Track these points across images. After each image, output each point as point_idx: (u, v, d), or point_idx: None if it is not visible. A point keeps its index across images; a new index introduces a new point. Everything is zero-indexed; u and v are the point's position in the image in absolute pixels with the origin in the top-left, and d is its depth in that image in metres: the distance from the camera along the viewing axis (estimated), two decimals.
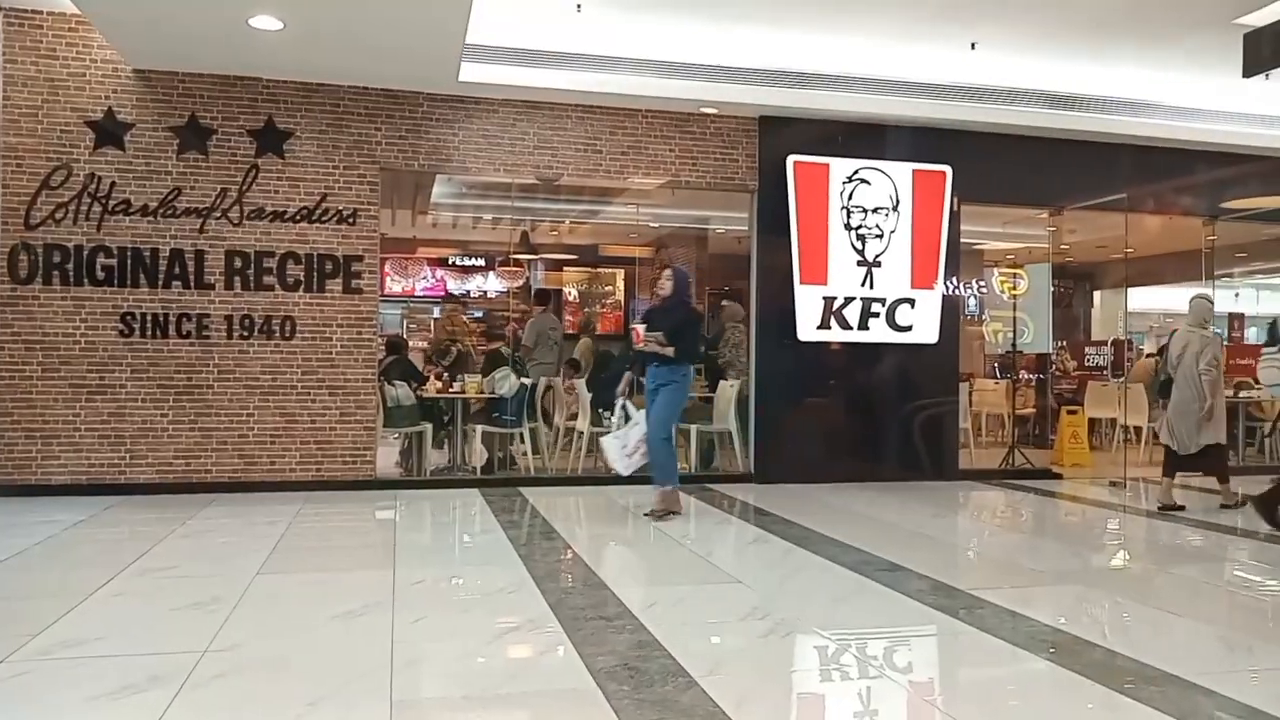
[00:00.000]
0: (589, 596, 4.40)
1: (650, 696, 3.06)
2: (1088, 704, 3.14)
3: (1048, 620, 4.13)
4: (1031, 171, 8.87)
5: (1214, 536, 6.46)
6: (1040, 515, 7.54)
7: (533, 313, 10.84)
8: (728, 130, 8.33)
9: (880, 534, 6.19)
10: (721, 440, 8.82)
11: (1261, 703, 3.06)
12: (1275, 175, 9.49)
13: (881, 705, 3.21)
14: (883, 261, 8.41)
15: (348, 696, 3.08)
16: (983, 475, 8.95)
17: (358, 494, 7.45)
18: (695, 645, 3.70)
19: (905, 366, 8.60)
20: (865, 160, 8.40)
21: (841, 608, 4.41)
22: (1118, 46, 7.76)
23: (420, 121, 7.77)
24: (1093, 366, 12.76)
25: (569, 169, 8.11)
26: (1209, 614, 4.55)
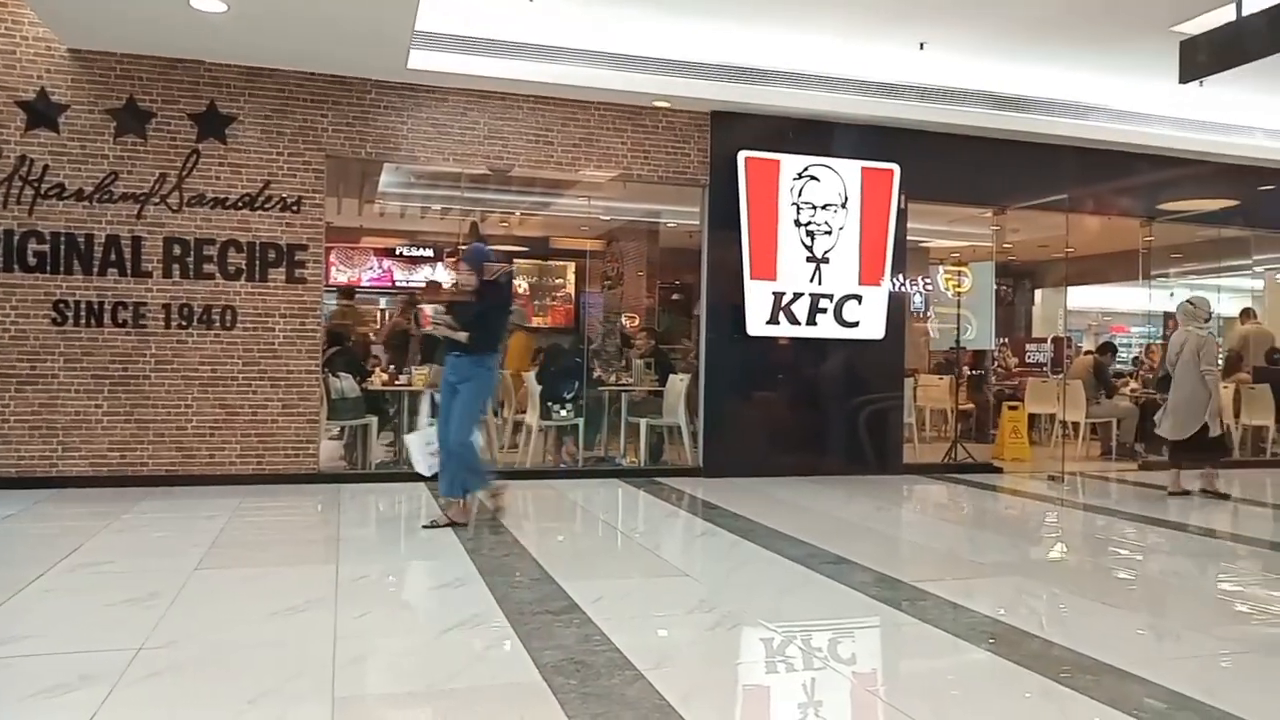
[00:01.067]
0: (536, 591, 4.38)
1: (597, 690, 3.05)
2: (1025, 693, 3.21)
3: (988, 611, 4.21)
4: (977, 171, 9.03)
5: (1147, 529, 6.65)
6: (981, 509, 7.68)
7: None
8: (680, 124, 8.34)
9: (826, 527, 6.26)
10: (670, 434, 8.84)
11: (1188, 689, 3.15)
12: (1209, 179, 9.78)
13: (826, 696, 3.24)
14: (831, 258, 8.49)
15: (288, 694, 3.03)
16: (926, 469, 9.10)
17: (300, 488, 7.32)
18: (642, 638, 3.71)
19: (852, 362, 8.70)
20: (815, 157, 8.47)
21: (787, 600, 4.45)
22: (1061, 50, 7.92)
23: (368, 109, 7.65)
24: (1033, 363, 13.03)
25: (520, 160, 8.05)
26: (1141, 604, 4.68)
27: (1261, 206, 10.21)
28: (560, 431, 8.67)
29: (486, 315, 5.75)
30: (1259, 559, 5.84)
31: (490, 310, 5.78)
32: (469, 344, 5.65)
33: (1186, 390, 7.63)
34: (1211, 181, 9.84)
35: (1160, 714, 2.95)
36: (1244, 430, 10.35)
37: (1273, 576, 5.37)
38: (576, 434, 8.47)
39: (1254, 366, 10.95)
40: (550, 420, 8.40)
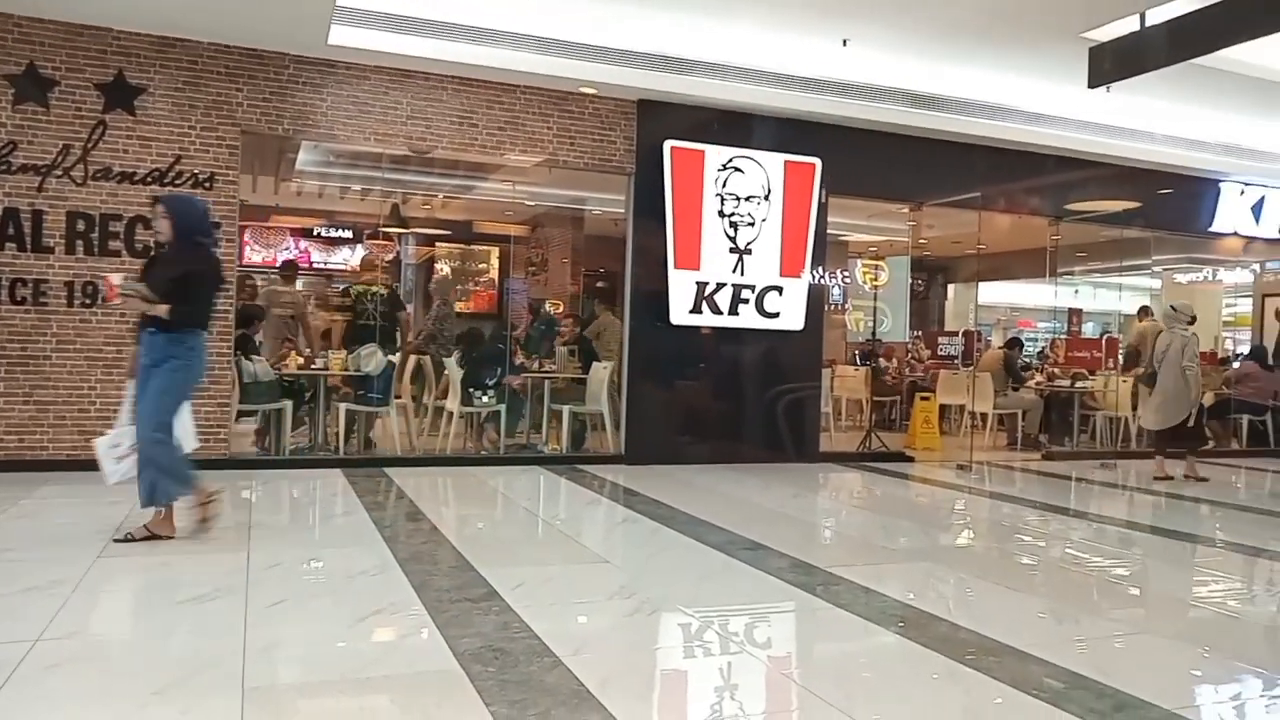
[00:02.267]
0: (455, 578, 4.35)
1: (515, 677, 3.05)
2: (933, 674, 3.32)
3: (898, 596, 4.34)
4: (895, 167, 9.24)
5: (1049, 517, 6.92)
6: (893, 496, 7.90)
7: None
8: (606, 112, 8.32)
9: (744, 514, 6.36)
10: (593, 421, 8.86)
11: (1085, 669, 3.30)
12: (1113, 181, 10.19)
13: (741, 680, 3.30)
14: (754, 249, 8.60)
15: (196, 685, 2.95)
16: (841, 457, 9.30)
17: (210, 474, 7.06)
18: (562, 625, 3.72)
19: (772, 352, 8.83)
20: (740, 149, 8.55)
21: (706, 586, 4.51)
22: (978, 52, 8.16)
23: (286, 84, 7.44)
24: (945, 356, 13.42)
25: (443, 142, 7.93)
26: (1042, 589, 4.88)
27: (1161, 209, 10.69)
28: (481, 418, 8.61)
29: (188, 282, 4.69)
30: (1151, 545, 6.15)
31: (192, 276, 4.72)
32: (167, 318, 4.66)
33: (1172, 386, 8.33)
34: (1115, 184, 10.25)
35: (1058, 693, 3.08)
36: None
37: (1164, 561, 5.65)
38: (498, 420, 8.42)
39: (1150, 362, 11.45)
40: (472, 406, 8.32)
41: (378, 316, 8.70)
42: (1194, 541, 6.27)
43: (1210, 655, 3.72)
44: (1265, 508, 7.88)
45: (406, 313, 10.30)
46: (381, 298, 8.92)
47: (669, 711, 3.11)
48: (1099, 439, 10.88)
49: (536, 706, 2.81)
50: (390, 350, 8.38)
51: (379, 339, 8.35)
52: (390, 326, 8.87)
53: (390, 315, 8.94)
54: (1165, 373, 8.41)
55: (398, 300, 9.77)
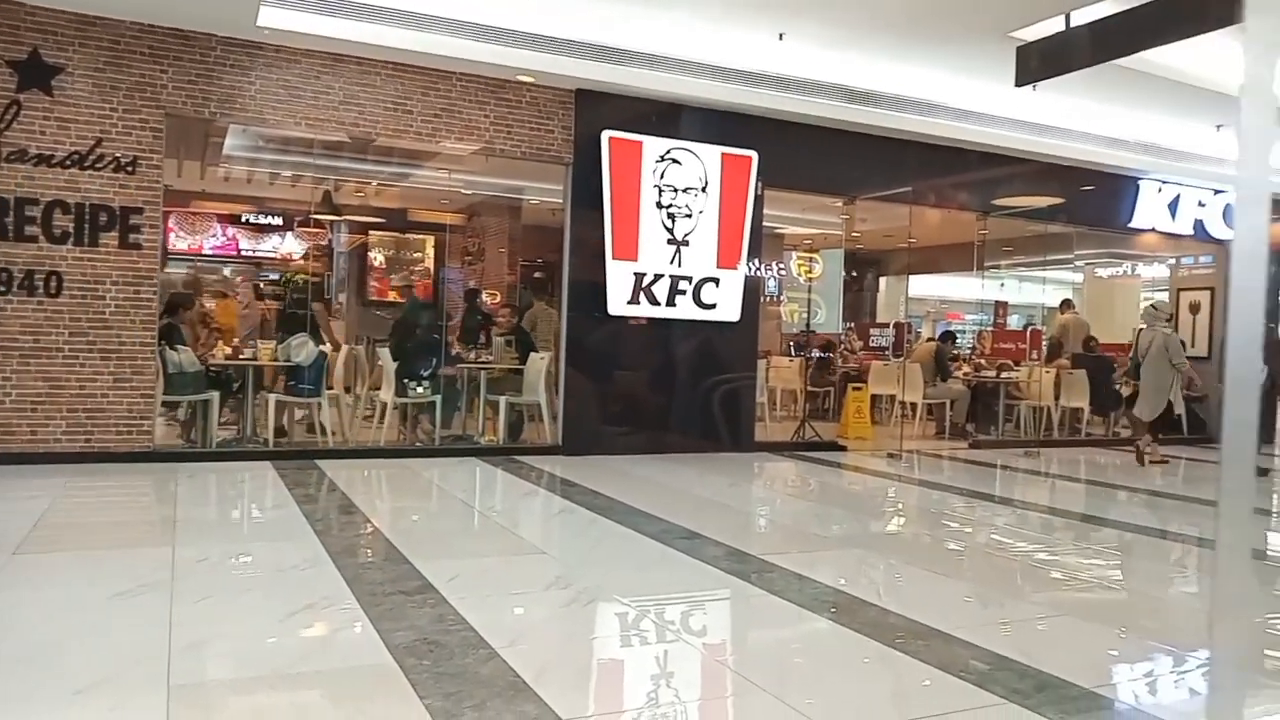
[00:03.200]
0: (388, 571, 4.30)
1: (450, 670, 3.04)
2: (864, 658, 3.40)
3: (830, 582, 4.42)
4: (829, 161, 9.36)
5: (976, 503, 7.12)
6: (826, 484, 8.04)
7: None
8: (544, 101, 8.27)
9: (681, 503, 6.41)
10: (530, 412, 8.82)
11: (1009, 651, 3.41)
12: (1038, 177, 10.47)
13: (677, 668, 3.34)
14: (691, 241, 8.64)
15: (120, 684, 2.88)
16: (776, 447, 9.42)
17: (134, 466, 6.91)
18: (498, 617, 3.71)
19: (709, 343, 8.90)
20: (678, 140, 8.58)
21: (642, 575, 4.54)
22: (910, 49, 8.30)
23: (213, 66, 7.23)
24: (876, 347, 13.68)
25: (377, 128, 7.79)
26: (968, 573, 5.02)
27: (1083, 205, 11.03)
28: (416, 409, 8.51)
29: None
30: (1072, 530, 6.37)
31: None
32: None
33: (1155, 379, 8.94)
34: (1040, 180, 10.54)
35: (983, 674, 3.18)
36: (1063, 412, 11.19)
37: (1083, 546, 5.85)
38: (433, 411, 8.33)
39: (1073, 354, 11.85)
40: (406, 397, 8.22)
41: (309, 306, 8.54)
42: (1111, 526, 6.51)
43: (1126, 635, 3.87)
44: (1178, 493, 8.20)
45: (336, 304, 10.13)
46: (312, 286, 8.75)
47: (605, 701, 3.13)
48: (1023, 428, 11.20)
49: (472, 699, 2.80)
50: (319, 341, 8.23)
51: (309, 328, 8.20)
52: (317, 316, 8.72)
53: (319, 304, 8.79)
54: (1148, 367, 8.98)
55: (325, 289, 9.60)
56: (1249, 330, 0.97)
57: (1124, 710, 3.05)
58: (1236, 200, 1.01)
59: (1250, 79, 0.97)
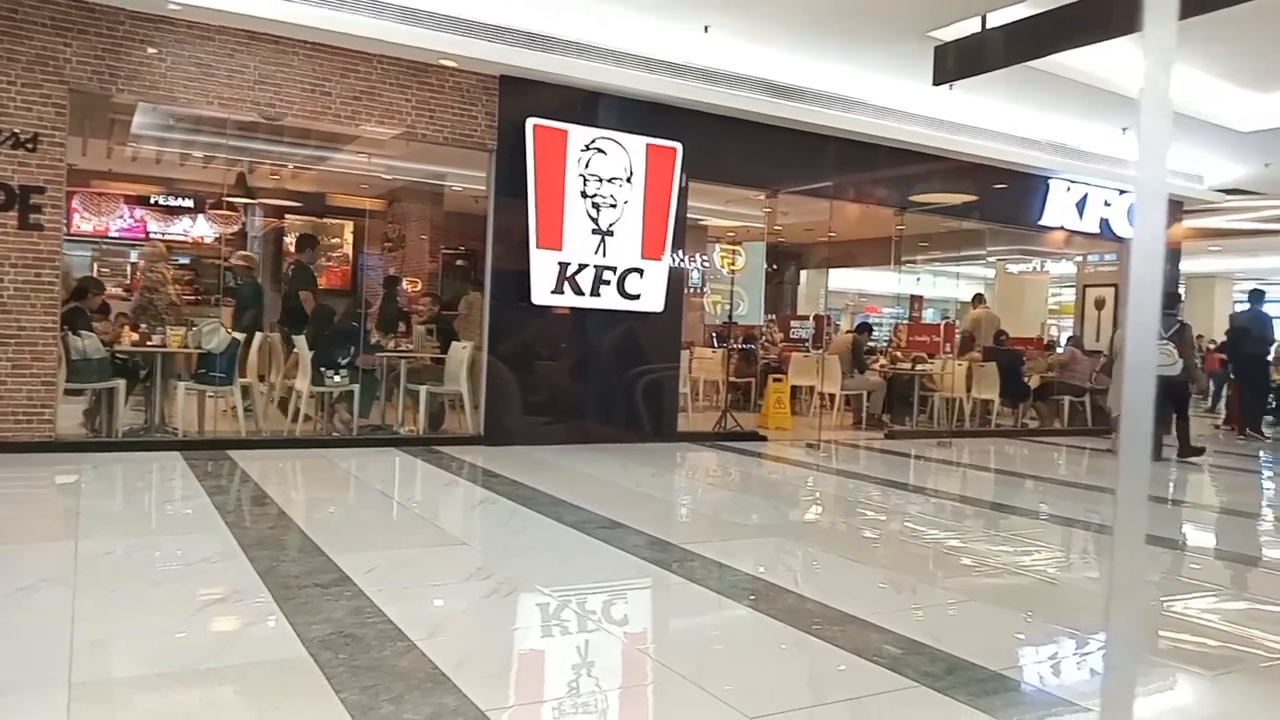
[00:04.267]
0: (303, 564, 4.21)
1: (367, 663, 2.99)
2: (781, 644, 3.46)
3: (749, 570, 4.49)
4: (753, 155, 9.45)
5: (890, 492, 7.30)
6: (746, 474, 8.14)
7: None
8: (467, 86, 8.15)
9: (603, 493, 6.41)
10: (452, 402, 8.72)
11: (920, 635, 3.51)
12: (954, 175, 10.76)
13: (598, 657, 3.34)
14: (616, 231, 8.64)
15: (18, 682, 2.75)
16: (698, 437, 9.50)
17: (34, 457, 6.61)
18: (416, 609, 3.66)
19: (633, 333, 8.92)
20: (603, 130, 8.55)
21: (564, 565, 4.53)
22: (832, 45, 8.43)
23: (120, 41, 6.93)
24: (797, 339, 13.90)
25: (293, 109, 7.58)
26: (882, 560, 5.15)
27: (995, 203, 11.37)
28: (334, 398, 8.33)
29: None
30: (982, 518, 6.58)
31: None
32: None
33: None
34: (955, 178, 10.82)
35: (896, 659, 3.27)
36: (974, 403, 11.54)
37: (993, 533, 6.05)
38: (351, 401, 8.16)
39: (984, 347, 12.24)
40: (323, 386, 8.04)
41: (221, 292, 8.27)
42: (1019, 514, 6.76)
43: (1032, 619, 4.02)
44: (1083, 482, 8.54)
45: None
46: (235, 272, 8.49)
47: (526, 691, 3.12)
48: (936, 419, 11.53)
49: (389, 692, 2.76)
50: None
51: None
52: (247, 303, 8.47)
53: (235, 291, 8.53)
54: (1119, 365, 9.13)
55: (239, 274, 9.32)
56: (1146, 324, 1.02)
57: (1029, 691, 3.16)
58: (1136, 199, 1.05)
59: (1149, 83, 1.01)
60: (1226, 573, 5.38)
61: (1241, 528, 6.86)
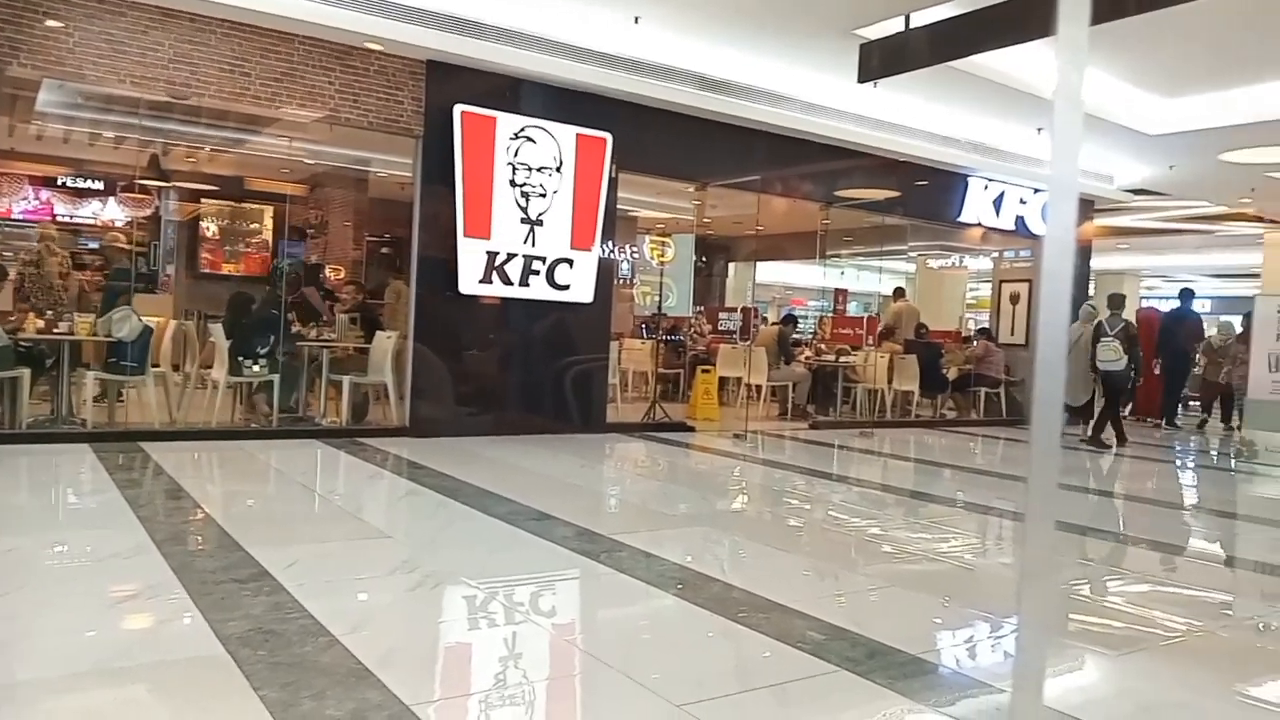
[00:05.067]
0: (221, 559, 4.10)
1: (287, 659, 2.93)
2: (708, 633, 3.50)
3: (677, 559, 4.52)
4: (682, 147, 9.49)
5: (815, 481, 7.43)
6: (675, 464, 8.20)
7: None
8: (393, 70, 8.00)
9: (531, 484, 6.39)
10: (376, 393, 8.57)
11: (843, 622, 3.59)
12: (877, 171, 10.96)
13: (525, 649, 3.33)
14: (545, 220, 8.58)
15: None
16: (627, 428, 9.53)
17: None
18: (339, 603, 3.60)
19: (562, 324, 8.88)
20: (532, 118, 8.48)
21: (491, 557, 4.50)
22: (761, 40, 8.50)
23: (22, 13, 6.62)
24: (725, 331, 14.03)
25: (210, 90, 7.34)
26: (807, 548, 5.25)
27: (917, 199, 11.63)
28: (252, 389, 8.11)
29: None
30: (902, 506, 6.74)
31: None
32: None
33: (1080, 369, 10.01)
34: (879, 174, 11.04)
35: (819, 644, 3.33)
36: (895, 395, 11.81)
37: (912, 520, 6.21)
38: (271, 391, 7.96)
39: (905, 339, 12.52)
40: (241, 376, 7.83)
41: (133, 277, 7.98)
42: (937, 502, 6.95)
43: (949, 604, 4.14)
44: (997, 470, 8.82)
45: (163, 276, 9.52)
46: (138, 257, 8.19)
47: (452, 684, 3.09)
48: (859, 409, 11.76)
49: (310, 688, 2.71)
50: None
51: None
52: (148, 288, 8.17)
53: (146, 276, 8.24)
54: (1074, 358, 9.88)
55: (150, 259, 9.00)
56: (1058, 315, 1.05)
57: (945, 674, 3.26)
58: (1049, 193, 1.09)
59: (1062, 81, 1.05)
60: (1134, 557, 5.61)
61: (1149, 513, 7.17)
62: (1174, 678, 3.37)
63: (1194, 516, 7.20)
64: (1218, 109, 9.48)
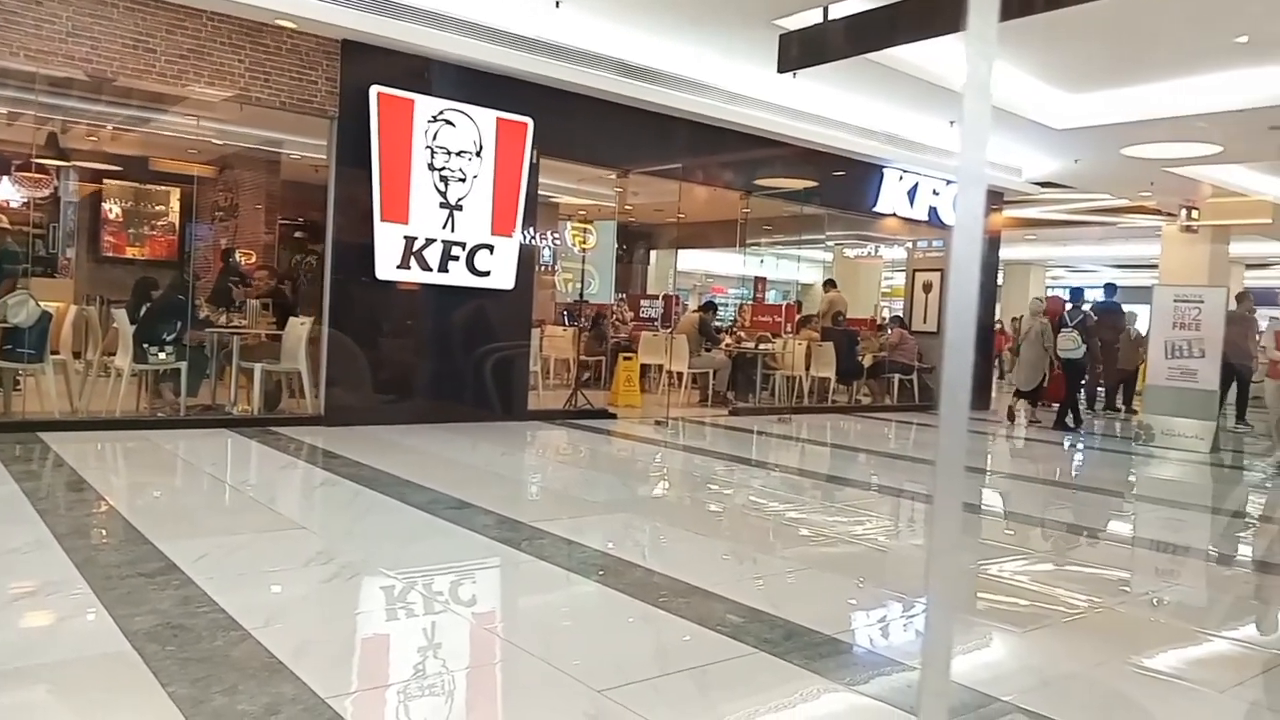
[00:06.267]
0: (126, 553, 3.95)
1: (197, 654, 2.85)
2: (629, 618, 3.52)
3: (598, 546, 4.54)
4: (604, 133, 9.46)
5: (735, 467, 7.52)
6: (596, 451, 8.20)
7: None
8: (307, 49, 7.78)
9: (451, 473, 6.32)
10: (290, 381, 8.36)
11: (760, 604, 3.65)
12: (796, 161, 11.11)
13: (445, 639, 3.30)
14: (465, 205, 8.47)
15: None
16: (548, 415, 9.49)
17: None
18: (251, 596, 3.51)
19: (482, 310, 8.79)
20: (452, 102, 8.34)
21: (410, 547, 4.44)
22: (683, 28, 8.52)
23: None
24: (646, 318, 14.08)
25: (113, 65, 7.02)
26: (726, 532, 5.32)
27: (835, 189, 11.82)
28: (158, 377, 7.83)
29: None
30: (819, 490, 6.88)
31: None
32: None
33: (1031, 358, 11.13)
34: (798, 163, 11.18)
35: (738, 627, 3.38)
36: (812, 381, 12.03)
37: (829, 504, 6.35)
38: (178, 379, 7.69)
39: (822, 327, 12.76)
40: (146, 364, 7.54)
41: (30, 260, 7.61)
42: (853, 485, 7.11)
43: (864, 585, 4.24)
44: (910, 454, 9.06)
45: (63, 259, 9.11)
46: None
47: (369, 676, 3.05)
48: (777, 396, 11.95)
49: (222, 683, 2.64)
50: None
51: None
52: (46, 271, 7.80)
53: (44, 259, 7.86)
54: (1027, 347, 11.21)
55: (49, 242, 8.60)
56: (966, 300, 1.09)
57: (860, 653, 3.35)
58: (958, 181, 1.12)
59: (971, 69, 1.08)
60: (1040, 537, 5.83)
61: (1047, 495, 7.46)
62: (1074, 652, 3.52)
63: (1094, 497, 7.52)
64: (1119, 105, 9.88)
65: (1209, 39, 8.02)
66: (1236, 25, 7.64)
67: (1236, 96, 9.02)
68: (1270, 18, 7.36)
